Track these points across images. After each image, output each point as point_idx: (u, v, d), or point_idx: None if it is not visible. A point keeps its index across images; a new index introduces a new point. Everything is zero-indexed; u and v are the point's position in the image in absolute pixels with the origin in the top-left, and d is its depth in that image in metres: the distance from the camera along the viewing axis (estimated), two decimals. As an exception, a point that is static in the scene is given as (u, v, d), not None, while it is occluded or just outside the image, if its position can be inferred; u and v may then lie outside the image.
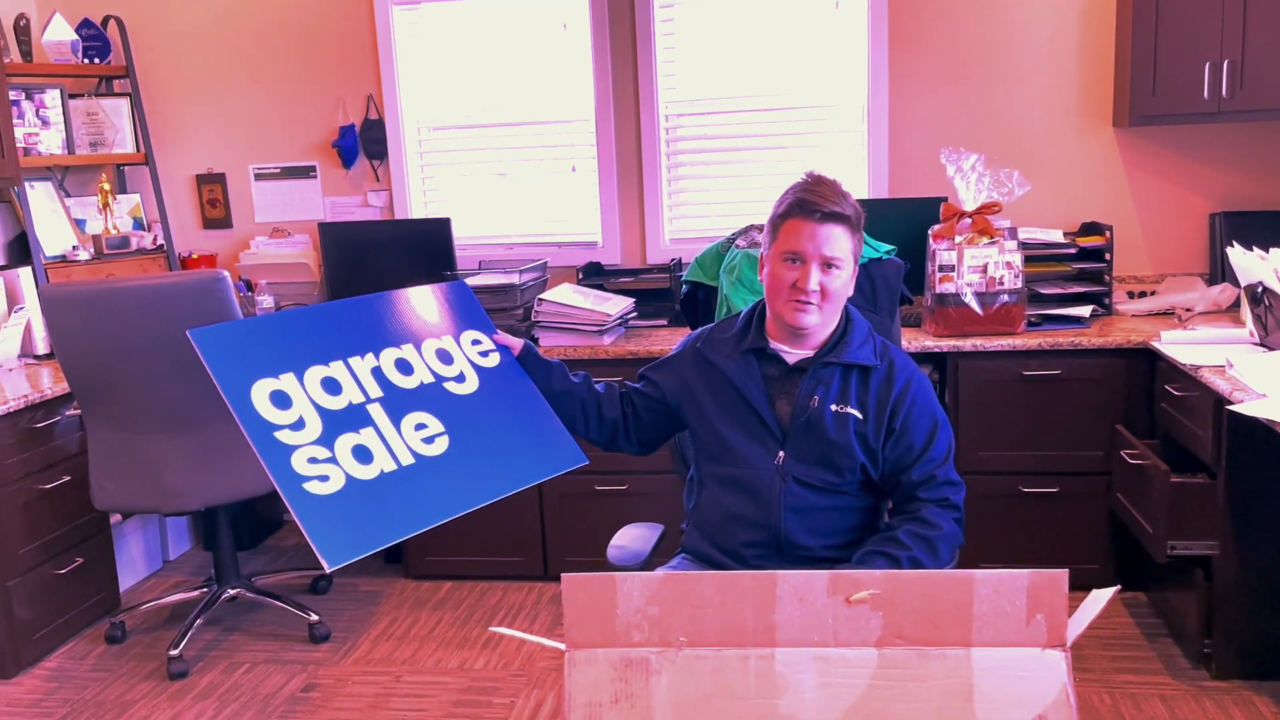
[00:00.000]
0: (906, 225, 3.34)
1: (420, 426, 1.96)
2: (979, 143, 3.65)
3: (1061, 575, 1.44)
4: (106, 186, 3.94)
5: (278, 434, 1.81)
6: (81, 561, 3.38)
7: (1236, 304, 3.41)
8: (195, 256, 4.20)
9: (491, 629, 1.71)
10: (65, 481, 3.29)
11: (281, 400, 1.85)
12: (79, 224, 4.04)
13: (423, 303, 2.17)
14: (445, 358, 2.10)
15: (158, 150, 4.23)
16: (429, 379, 2.04)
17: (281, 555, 4.04)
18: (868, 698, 1.45)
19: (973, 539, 3.29)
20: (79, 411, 3.17)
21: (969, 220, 3.26)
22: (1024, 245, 3.29)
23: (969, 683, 1.44)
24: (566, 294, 3.55)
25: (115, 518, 3.65)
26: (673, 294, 3.69)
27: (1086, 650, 2.97)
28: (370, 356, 2.00)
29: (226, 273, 2.99)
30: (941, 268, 3.26)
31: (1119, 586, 1.53)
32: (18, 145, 3.66)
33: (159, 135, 4.25)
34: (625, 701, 1.47)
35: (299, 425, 1.84)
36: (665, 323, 3.72)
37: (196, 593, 3.46)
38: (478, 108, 4.06)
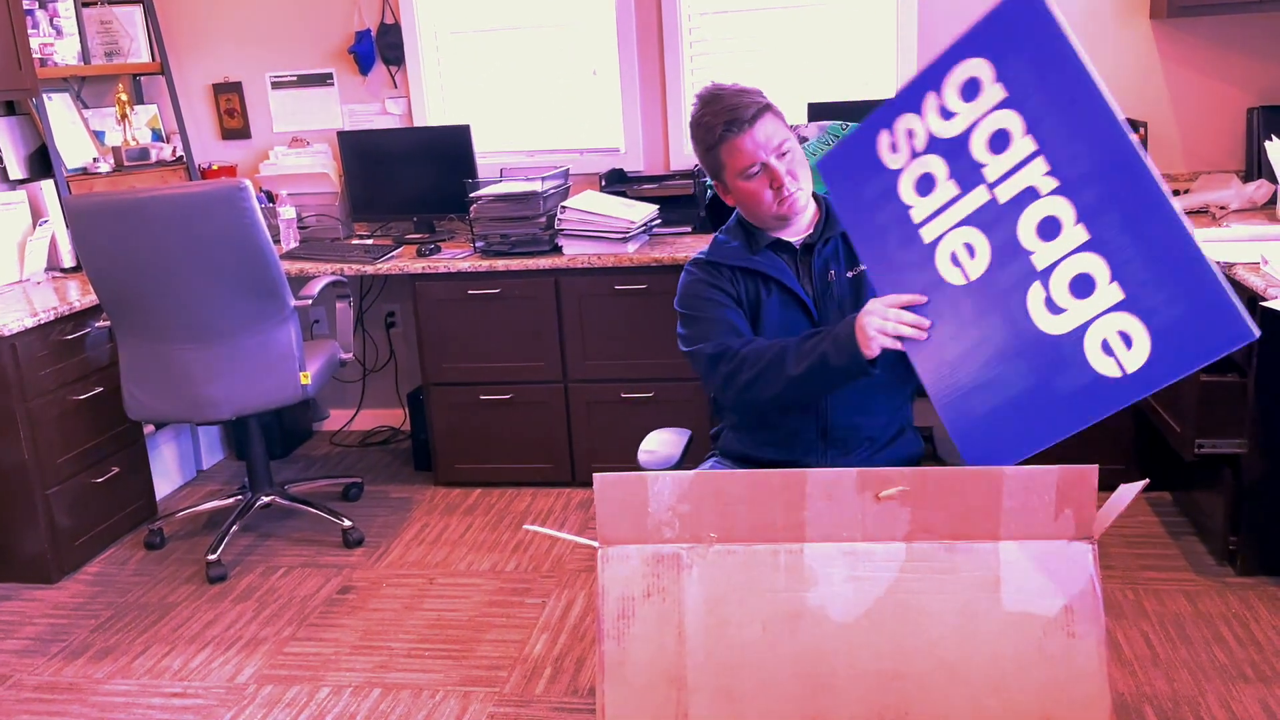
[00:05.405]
0: (935, 124, 3.27)
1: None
2: (1010, 38, 3.54)
3: (1091, 470, 1.45)
4: (124, 97, 3.91)
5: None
6: (118, 471, 3.45)
7: (1273, 201, 3.34)
8: (215, 168, 4.18)
9: (525, 527, 1.73)
10: (98, 392, 3.34)
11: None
12: (98, 136, 4.02)
13: None
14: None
15: (173, 59, 4.18)
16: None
17: (312, 464, 4.11)
18: (895, 590, 1.47)
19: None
20: (108, 323, 3.20)
21: (999, 118, 3.18)
22: (1055, 143, 3.22)
23: (996, 575, 1.46)
24: (590, 201, 3.52)
25: (149, 428, 3.71)
26: (697, 200, 3.65)
27: (1111, 548, 2.99)
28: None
29: (249, 182, 2.97)
30: (970, 168, 3.20)
31: (1147, 480, 1.53)
32: (34, 55, 3.62)
33: (173, 43, 4.20)
34: (657, 595, 1.50)
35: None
36: (690, 230, 3.68)
37: (231, 500, 3.52)
38: (495, 10, 3.98)
